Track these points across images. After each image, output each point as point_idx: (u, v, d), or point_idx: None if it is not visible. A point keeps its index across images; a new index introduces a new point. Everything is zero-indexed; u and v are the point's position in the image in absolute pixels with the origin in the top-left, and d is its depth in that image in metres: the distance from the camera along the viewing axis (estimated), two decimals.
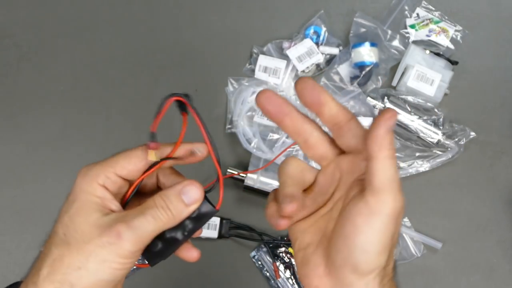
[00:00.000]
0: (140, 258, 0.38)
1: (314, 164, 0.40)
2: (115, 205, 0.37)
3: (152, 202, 0.36)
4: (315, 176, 0.39)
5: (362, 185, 0.35)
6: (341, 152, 0.38)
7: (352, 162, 0.37)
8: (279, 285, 0.78)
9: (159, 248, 0.37)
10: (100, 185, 0.37)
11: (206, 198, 0.38)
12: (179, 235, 0.37)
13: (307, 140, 0.38)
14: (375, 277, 0.34)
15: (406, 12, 0.84)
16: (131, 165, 0.38)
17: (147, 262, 0.38)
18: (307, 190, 0.39)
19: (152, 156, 0.37)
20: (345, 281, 0.35)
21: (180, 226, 0.37)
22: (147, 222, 0.35)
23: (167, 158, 0.38)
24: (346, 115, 0.36)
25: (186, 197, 0.37)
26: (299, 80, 0.36)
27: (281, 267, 0.78)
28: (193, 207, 0.37)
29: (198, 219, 0.38)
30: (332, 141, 0.38)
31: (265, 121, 0.79)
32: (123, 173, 0.37)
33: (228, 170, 0.78)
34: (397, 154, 0.80)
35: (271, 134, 0.80)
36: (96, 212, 0.36)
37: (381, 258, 0.34)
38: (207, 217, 0.38)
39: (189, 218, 0.37)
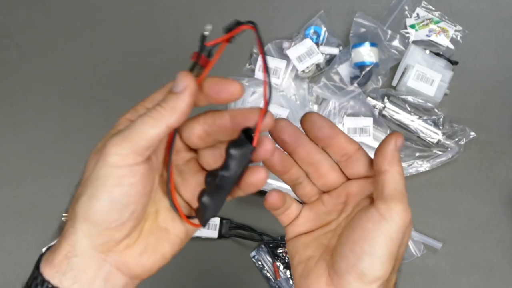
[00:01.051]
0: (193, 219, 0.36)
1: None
2: None
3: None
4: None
5: (371, 200, 0.37)
6: (348, 179, 0.39)
7: (360, 186, 0.38)
8: (279, 285, 0.78)
9: (207, 202, 0.34)
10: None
11: (244, 134, 0.34)
12: (221, 179, 0.34)
13: (319, 169, 0.39)
14: (378, 287, 0.35)
15: (406, 12, 0.84)
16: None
17: (199, 223, 0.36)
18: (313, 205, 0.41)
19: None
20: None
21: (222, 168, 0.33)
22: (140, 123, 0.32)
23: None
24: (354, 146, 0.38)
25: (177, 87, 0.33)
26: (306, 116, 0.37)
27: (281, 267, 0.78)
28: (187, 96, 0.33)
29: (236, 158, 0.33)
30: (340, 169, 0.39)
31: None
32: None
33: None
34: None
35: None
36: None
37: (386, 267, 0.34)
38: (244, 154, 0.33)
39: (228, 158, 0.33)
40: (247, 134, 0.34)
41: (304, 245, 0.40)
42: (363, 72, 0.79)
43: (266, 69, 0.33)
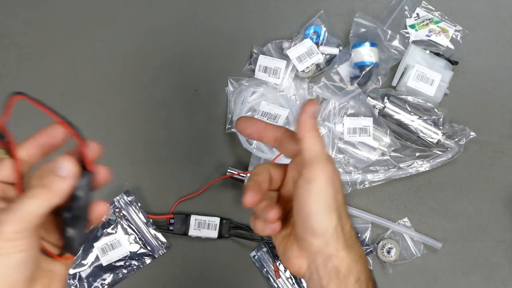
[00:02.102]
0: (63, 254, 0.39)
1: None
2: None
3: (31, 183, 0.36)
4: (284, 171, 0.46)
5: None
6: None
7: (298, 164, 0.43)
8: (279, 285, 0.78)
9: (71, 234, 0.37)
10: None
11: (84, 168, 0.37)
12: (76, 210, 0.37)
13: (281, 143, 0.45)
14: (332, 235, 0.40)
15: (406, 12, 0.84)
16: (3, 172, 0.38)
17: (70, 255, 0.39)
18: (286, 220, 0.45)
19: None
20: (310, 248, 0.41)
21: (73, 201, 0.37)
22: (27, 203, 0.34)
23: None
24: (280, 130, 0.45)
25: (61, 170, 0.36)
26: (237, 121, 0.45)
27: (281, 267, 0.78)
28: (71, 179, 0.36)
29: (82, 187, 0.37)
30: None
31: (265, 121, 0.79)
32: None
33: (228, 170, 0.78)
34: (397, 154, 0.80)
35: None
36: None
37: (330, 218, 0.40)
38: (87, 181, 0.37)
39: (74, 190, 0.37)
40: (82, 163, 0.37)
41: (281, 237, 0.45)
42: (363, 72, 0.79)
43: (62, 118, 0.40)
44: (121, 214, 0.79)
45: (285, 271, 0.78)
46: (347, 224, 0.42)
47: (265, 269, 0.79)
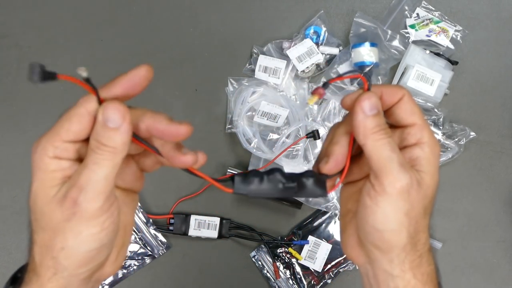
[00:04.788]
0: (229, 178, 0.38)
1: None
2: (68, 171, 0.34)
3: (87, 148, 0.33)
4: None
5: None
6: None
7: (398, 137, 0.37)
8: (279, 285, 0.78)
9: (252, 185, 0.37)
10: (51, 157, 0.33)
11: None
12: (271, 187, 0.36)
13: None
14: (399, 254, 0.35)
15: (406, 12, 0.84)
16: (76, 125, 0.33)
17: (233, 187, 0.37)
18: (356, 157, 0.39)
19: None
20: (371, 256, 0.37)
21: (276, 178, 0.36)
22: (93, 172, 0.32)
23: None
24: (396, 93, 0.36)
25: (111, 122, 0.32)
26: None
27: (281, 267, 0.78)
28: (124, 128, 0.32)
29: (307, 190, 0.37)
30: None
31: (265, 121, 0.79)
32: (70, 137, 0.33)
33: (228, 170, 0.78)
34: None
35: (271, 134, 0.80)
36: (54, 188, 0.33)
37: (399, 237, 0.34)
38: (313, 195, 0.37)
39: (302, 182, 0.36)
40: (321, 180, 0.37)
41: (347, 196, 0.40)
42: (363, 72, 0.79)
43: None
44: None
45: (285, 271, 0.78)
46: (423, 237, 0.36)
47: (265, 269, 0.79)
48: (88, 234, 0.32)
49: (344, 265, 0.78)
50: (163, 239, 0.79)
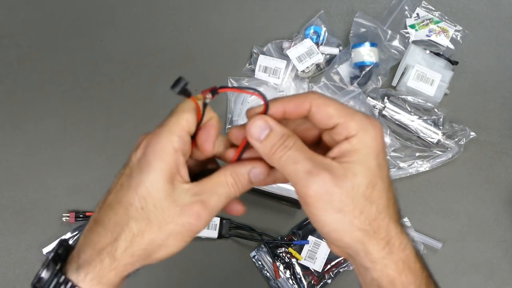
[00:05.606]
0: None
1: None
2: (184, 171, 0.36)
3: (223, 179, 0.36)
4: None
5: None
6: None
7: (329, 137, 0.38)
8: (279, 285, 0.78)
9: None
10: (175, 149, 0.35)
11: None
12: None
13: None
14: (360, 248, 0.34)
15: (406, 12, 0.84)
16: (193, 116, 0.36)
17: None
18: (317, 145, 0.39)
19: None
20: (337, 251, 0.38)
21: None
22: (220, 202, 0.36)
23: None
24: (301, 105, 0.37)
25: (253, 176, 0.37)
26: (228, 133, 0.39)
27: (281, 267, 0.78)
28: (256, 184, 0.37)
29: None
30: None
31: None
32: (190, 127, 0.36)
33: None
34: (397, 154, 0.80)
35: None
36: (171, 184, 0.34)
37: (346, 233, 0.34)
38: None
39: None
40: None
41: None
42: (363, 72, 0.79)
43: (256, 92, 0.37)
44: None
45: (285, 271, 0.78)
46: (383, 223, 0.35)
47: (265, 269, 0.78)
48: (185, 240, 0.36)
49: (344, 265, 0.78)
50: None
